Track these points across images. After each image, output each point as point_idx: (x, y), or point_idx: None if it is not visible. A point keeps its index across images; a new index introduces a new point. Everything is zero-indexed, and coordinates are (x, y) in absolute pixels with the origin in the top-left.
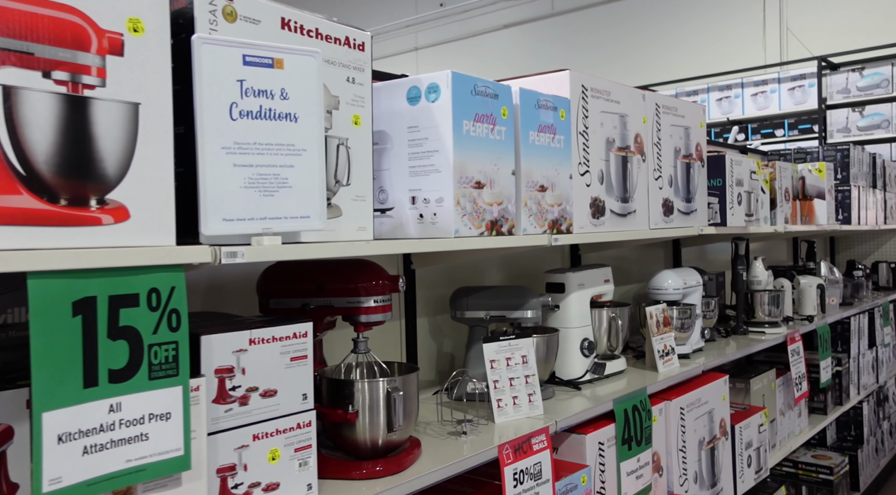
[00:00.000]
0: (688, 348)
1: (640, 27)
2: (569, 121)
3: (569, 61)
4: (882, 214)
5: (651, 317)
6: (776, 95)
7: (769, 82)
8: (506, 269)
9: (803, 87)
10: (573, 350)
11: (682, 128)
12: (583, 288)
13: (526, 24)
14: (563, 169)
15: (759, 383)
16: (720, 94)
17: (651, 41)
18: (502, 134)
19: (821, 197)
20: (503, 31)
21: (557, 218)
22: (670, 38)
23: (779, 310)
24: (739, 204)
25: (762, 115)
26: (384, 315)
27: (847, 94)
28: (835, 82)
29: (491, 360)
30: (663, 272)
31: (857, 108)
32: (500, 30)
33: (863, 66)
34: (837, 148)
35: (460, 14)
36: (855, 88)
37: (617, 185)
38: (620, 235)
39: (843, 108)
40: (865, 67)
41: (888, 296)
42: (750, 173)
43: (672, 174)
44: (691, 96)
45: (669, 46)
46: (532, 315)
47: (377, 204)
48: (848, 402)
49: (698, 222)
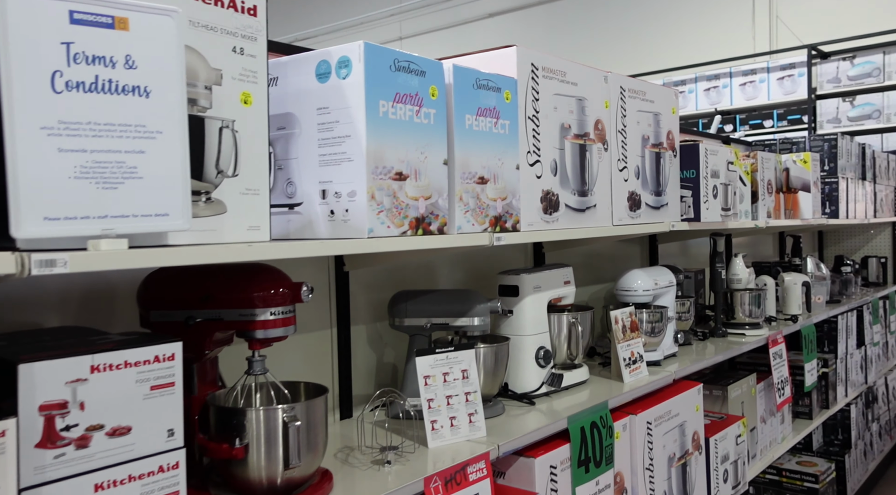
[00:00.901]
0: (659, 354)
1: (628, 15)
2: (515, 104)
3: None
4: (872, 207)
5: (616, 322)
6: (765, 85)
7: (758, 72)
8: (460, 270)
9: (793, 76)
10: (527, 360)
11: (651, 114)
12: (539, 290)
13: (511, 13)
14: (509, 158)
15: (738, 389)
16: (708, 83)
17: (638, 30)
18: (431, 117)
19: (806, 189)
20: (489, 19)
21: (501, 213)
22: (658, 27)
23: (760, 309)
24: (715, 197)
25: (750, 105)
26: (285, 329)
27: (837, 83)
28: (825, 71)
29: (425, 376)
30: (632, 272)
31: (848, 98)
32: (486, 18)
33: (853, 54)
34: (825, 138)
35: (445, 2)
36: (846, 78)
37: (574, 177)
38: (578, 233)
39: (834, 98)
40: (856, 56)
41: (878, 292)
42: (727, 164)
43: (639, 165)
44: (679, 86)
45: (657, 35)
46: (479, 322)
47: (284, 198)
48: (835, 405)
49: (670, 217)
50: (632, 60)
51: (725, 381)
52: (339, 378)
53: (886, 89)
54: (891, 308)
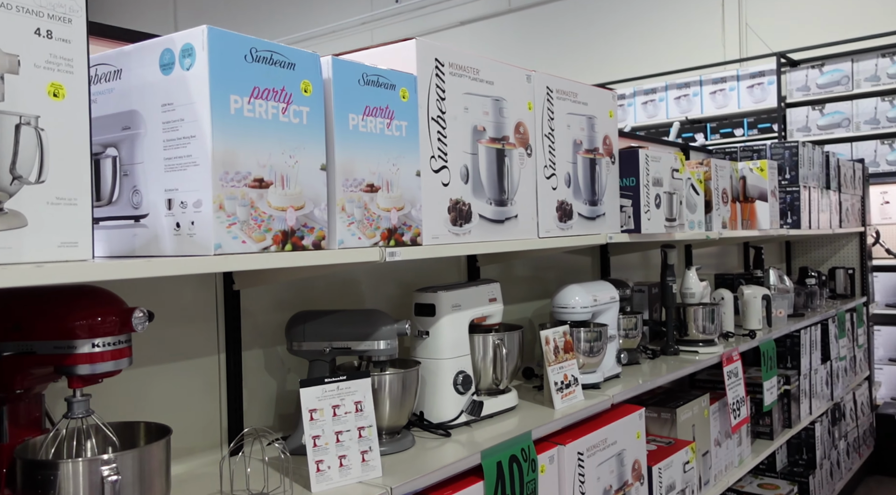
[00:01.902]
0: (598, 376)
1: (599, 23)
2: (415, 103)
3: (526, 58)
4: (837, 217)
5: (547, 343)
6: (735, 93)
7: (728, 80)
8: (389, 286)
9: (763, 84)
10: (445, 386)
11: (585, 117)
12: (458, 309)
13: (483, 21)
14: (407, 163)
15: (689, 412)
16: (678, 92)
17: (609, 38)
18: (303, 116)
19: (763, 198)
20: (460, 27)
21: (397, 226)
22: (629, 35)
23: (715, 325)
24: (658, 206)
25: (721, 113)
26: (115, 363)
27: (807, 91)
28: (794, 79)
29: (311, 409)
30: (569, 287)
31: (817, 106)
32: (458, 26)
33: (822, 62)
34: (786, 146)
35: (416, 10)
36: (815, 86)
37: (490, 185)
38: (495, 246)
39: (803, 106)
40: (825, 64)
41: (845, 304)
42: (671, 171)
43: (570, 172)
44: (649, 94)
45: (628, 43)
46: (385, 346)
47: (130, 209)
48: (798, 424)
49: (607, 228)
50: (603, 68)
51: (675, 403)
52: (229, 410)
53: (855, 97)
54: (858, 320)
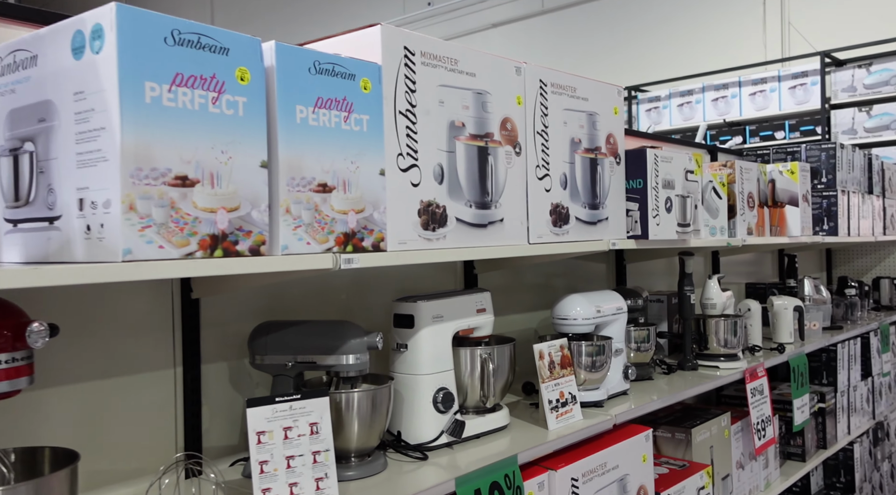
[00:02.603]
0: (601, 393)
1: (633, 23)
2: (379, 95)
3: (558, 60)
4: (881, 224)
5: (541, 358)
6: (776, 95)
7: (769, 81)
8: (363, 295)
9: (805, 85)
10: (423, 404)
11: (585, 114)
12: (440, 321)
13: (515, 23)
14: (368, 161)
15: (706, 432)
16: (716, 93)
17: (644, 37)
18: (238, 107)
19: (794, 203)
20: (492, 30)
21: (356, 230)
22: (665, 34)
23: (737, 338)
24: (669, 211)
25: (761, 116)
26: (10, 383)
27: (853, 92)
28: (839, 80)
29: (258, 432)
30: (570, 297)
31: (864, 108)
32: (489, 29)
33: (870, 61)
34: (822, 147)
35: (449, 13)
36: (862, 86)
37: (470, 186)
38: (475, 252)
39: (849, 108)
40: (873, 63)
41: (890, 316)
42: (685, 173)
43: (567, 172)
44: (685, 96)
45: (664, 43)
46: (354, 360)
47: (45, 209)
48: (835, 444)
49: (610, 234)
50: (637, 69)
51: (691, 423)
52: (186, 429)
53: None
54: None
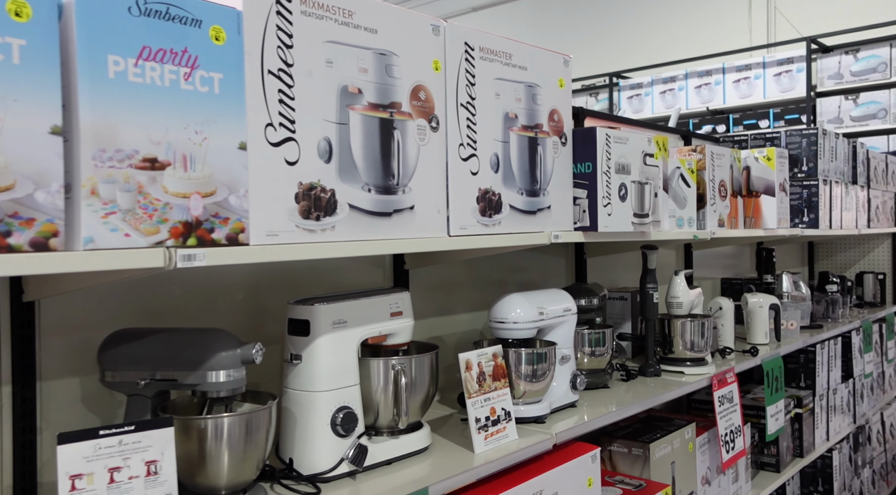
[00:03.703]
0: (543, 407)
1: (617, 8)
2: (238, 49)
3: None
4: (865, 216)
5: (468, 368)
6: (760, 82)
7: (753, 67)
8: (264, 297)
9: (791, 72)
10: (319, 426)
11: (523, 85)
12: (343, 327)
13: (496, 7)
14: (222, 132)
15: (667, 447)
16: (699, 80)
17: (628, 23)
18: (12, 52)
19: (770, 193)
20: (472, 13)
21: (202, 218)
22: (649, 19)
23: (705, 341)
24: (623, 199)
25: (745, 104)
26: None
27: (839, 79)
28: (826, 66)
29: (72, 475)
30: (507, 298)
31: (851, 96)
32: (470, 13)
33: (858, 47)
34: (803, 133)
35: None
36: (848, 73)
37: (368, 166)
38: (372, 247)
39: (835, 96)
40: (861, 49)
41: (874, 313)
42: (643, 156)
43: (499, 153)
44: (668, 83)
45: (647, 27)
46: (226, 377)
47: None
48: (812, 452)
49: (553, 225)
50: (620, 55)
51: (651, 435)
52: (15, 459)
53: (893, 86)
54: (888, 332)
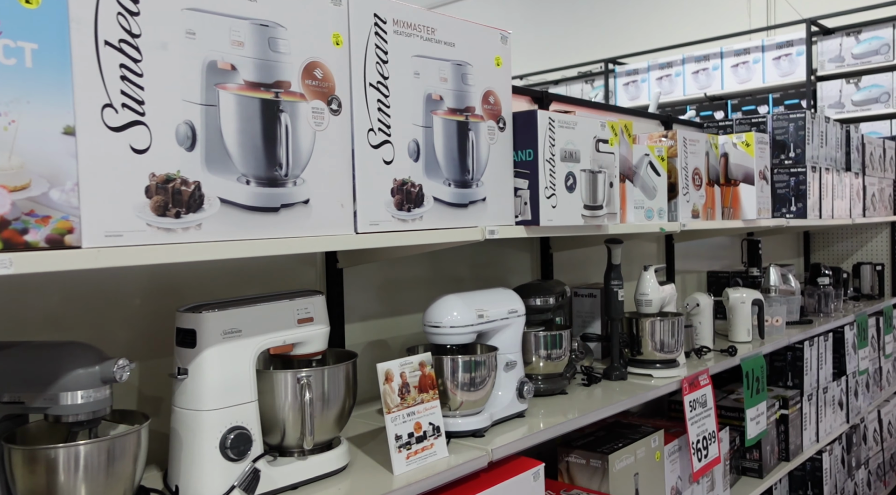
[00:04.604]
0: (483, 419)
1: None
2: (62, 14)
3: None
4: (859, 205)
5: (388, 380)
6: (759, 66)
7: (752, 51)
8: (161, 302)
9: (790, 55)
10: (206, 449)
11: (450, 64)
12: (236, 336)
13: None
14: (38, 113)
15: (629, 457)
16: (697, 65)
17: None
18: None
19: (749, 181)
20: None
21: (11, 217)
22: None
23: (676, 341)
24: (571, 189)
25: (743, 89)
26: None
27: (840, 62)
28: (826, 49)
29: None
30: (442, 300)
31: (853, 80)
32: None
33: (859, 29)
34: (790, 117)
35: None
36: (850, 56)
37: (247, 153)
38: (249, 248)
39: (836, 80)
40: (862, 31)
41: (871, 306)
42: (595, 143)
43: (420, 139)
44: (665, 69)
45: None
46: (84, 398)
47: None
48: (800, 455)
49: (490, 219)
50: (615, 41)
51: (613, 445)
52: None
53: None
54: (886, 326)
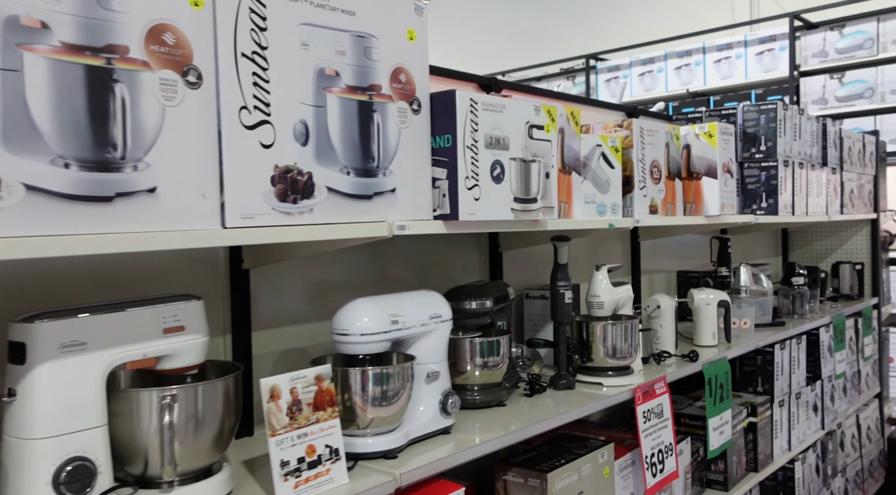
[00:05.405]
0: (397, 438)
1: None
2: None
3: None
4: (837, 201)
5: (274, 397)
6: (742, 61)
7: (734, 46)
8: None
9: (773, 50)
10: (36, 486)
11: (349, 35)
12: (78, 350)
13: None
14: None
15: (572, 475)
16: (679, 61)
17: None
18: None
19: (712, 174)
20: None
21: None
22: None
23: (629, 346)
24: (499, 180)
25: (726, 85)
26: None
27: (824, 57)
28: (810, 44)
29: None
30: (351, 304)
31: (836, 75)
32: None
33: (843, 23)
34: (761, 109)
35: None
36: (833, 51)
37: (65, 133)
38: (66, 245)
39: (820, 75)
40: (846, 25)
41: (849, 306)
42: (528, 129)
43: (310, 120)
44: (647, 65)
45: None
46: None
47: None
48: (769, 465)
49: (400, 212)
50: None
51: (555, 461)
52: None
53: (881, 63)
54: (865, 327)
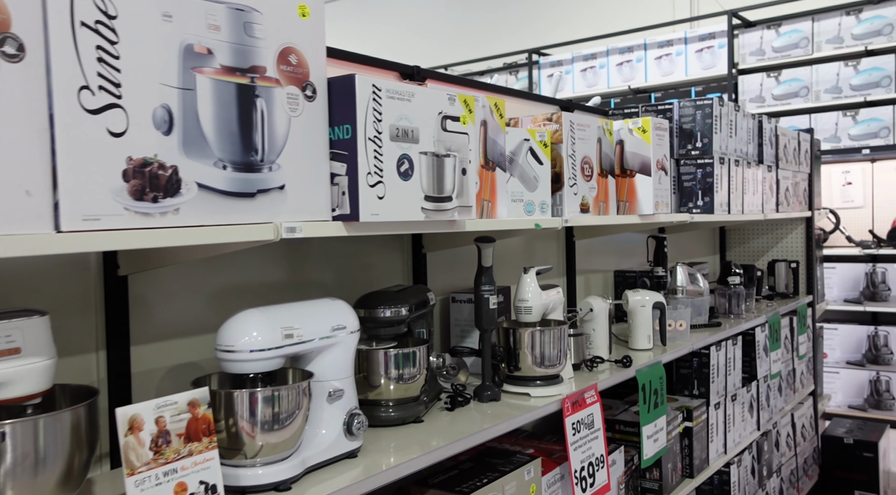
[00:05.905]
0: (293, 467)
1: None
2: None
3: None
4: (772, 199)
5: (135, 429)
6: (682, 58)
7: (675, 43)
8: None
9: (713, 48)
10: None
11: (224, 7)
12: None
13: None
14: None
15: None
16: (621, 57)
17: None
18: None
19: (645, 172)
20: None
21: None
22: None
23: (558, 353)
24: (407, 176)
25: (667, 82)
26: None
27: (761, 56)
28: (748, 42)
29: None
30: (238, 316)
31: (773, 73)
32: None
33: (780, 22)
34: (697, 104)
35: None
36: (770, 49)
37: None
38: None
39: (757, 73)
40: (783, 24)
41: (784, 305)
42: (441, 120)
43: (175, 104)
44: (589, 61)
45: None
46: None
47: None
48: (705, 470)
49: (290, 212)
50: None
51: (477, 480)
52: None
53: (815, 62)
54: (800, 325)
